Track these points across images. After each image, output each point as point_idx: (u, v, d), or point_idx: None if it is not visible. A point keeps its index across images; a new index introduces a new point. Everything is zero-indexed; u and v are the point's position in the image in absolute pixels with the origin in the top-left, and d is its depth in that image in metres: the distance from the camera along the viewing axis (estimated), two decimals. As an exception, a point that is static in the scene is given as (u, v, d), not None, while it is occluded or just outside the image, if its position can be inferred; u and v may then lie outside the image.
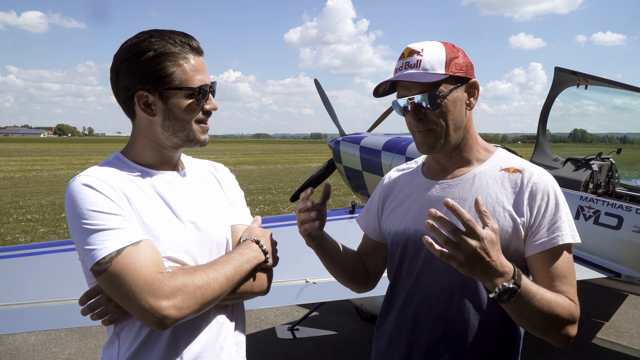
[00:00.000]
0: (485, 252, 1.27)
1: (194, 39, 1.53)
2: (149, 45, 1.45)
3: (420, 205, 1.67)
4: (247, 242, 1.60)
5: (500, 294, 1.32)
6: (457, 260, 1.28)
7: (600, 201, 4.21)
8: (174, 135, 1.53)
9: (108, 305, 1.46)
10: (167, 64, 1.46)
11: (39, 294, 2.86)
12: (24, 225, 11.95)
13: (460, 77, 1.58)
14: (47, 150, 59.73)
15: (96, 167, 1.51)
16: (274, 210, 14.43)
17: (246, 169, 31.43)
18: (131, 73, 1.46)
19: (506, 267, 1.32)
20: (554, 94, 5.70)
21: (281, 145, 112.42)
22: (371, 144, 6.84)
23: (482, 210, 1.32)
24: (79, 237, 1.38)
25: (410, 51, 1.58)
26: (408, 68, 1.58)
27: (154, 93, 1.47)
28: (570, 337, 1.47)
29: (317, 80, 9.16)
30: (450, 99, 1.56)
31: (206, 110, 1.55)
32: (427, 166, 1.78)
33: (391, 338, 1.72)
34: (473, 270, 1.29)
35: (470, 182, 1.62)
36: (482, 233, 1.27)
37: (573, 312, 1.46)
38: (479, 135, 1.70)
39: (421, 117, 1.58)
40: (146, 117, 1.51)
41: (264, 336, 5.53)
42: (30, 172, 27.36)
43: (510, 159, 1.66)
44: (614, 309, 6.54)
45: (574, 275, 1.53)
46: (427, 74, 1.54)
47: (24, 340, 5.34)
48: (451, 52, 1.57)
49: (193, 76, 1.49)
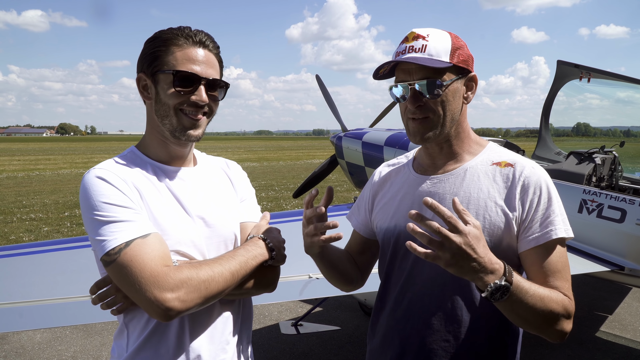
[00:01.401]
0: (470, 248, 1.25)
1: (202, 32, 1.57)
2: (160, 34, 1.54)
3: (411, 201, 1.65)
4: (254, 239, 1.62)
5: (492, 292, 1.29)
6: (444, 260, 1.25)
7: (603, 194, 4.20)
8: (162, 121, 1.56)
9: (117, 295, 1.49)
10: (161, 48, 1.52)
11: (44, 292, 2.87)
12: (27, 224, 11.99)
13: (463, 69, 1.56)
14: (49, 150, 59.90)
15: (111, 160, 1.56)
16: (277, 207, 14.45)
17: (249, 166, 31.46)
18: (140, 58, 1.56)
19: (496, 264, 1.30)
20: (557, 88, 5.68)
21: (283, 142, 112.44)
22: (373, 140, 6.83)
23: (461, 209, 1.30)
24: (91, 228, 1.42)
25: (416, 35, 1.54)
26: (412, 52, 1.53)
27: (149, 76, 1.54)
28: (566, 332, 1.45)
29: (318, 76, 9.15)
30: (451, 89, 1.54)
31: (192, 101, 1.53)
32: (418, 161, 1.75)
33: (384, 337, 1.71)
34: (461, 268, 1.27)
35: (462, 176, 1.59)
36: (465, 229, 1.25)
37: (567, 306, 1.44)
38: (471, 129, 1.68)
39: (419, 104, 1.54)
40: (146, 101, 1.59)
41: (268, 332, 5.54)
42: (33, 171, 27.44)
43: (502, 152, 1.63)
44: (617, 302, 6.54)
45: (568, 269, 1.51)
46: (433, 59, 1.50)
47: (30, 338, 5.36)
48: (456, 41, 1.55)
49: (183, 63, 1.51)
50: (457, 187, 1.58)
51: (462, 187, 1.57)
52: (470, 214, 1.31)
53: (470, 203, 1.54)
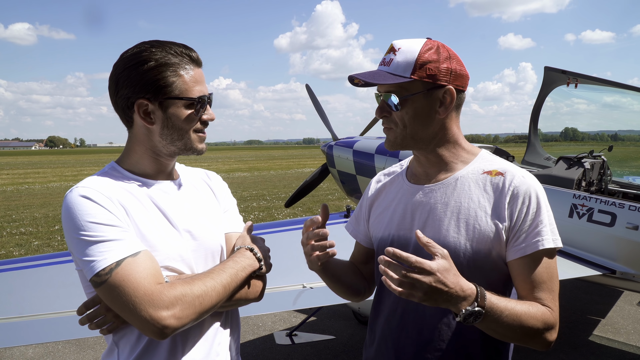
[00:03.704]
0: (441, 284, 1.28)
1: (194, 50, 1.56)
2: (150, 55, 1.48)
3: (403, 211, 1.66)
4: (242, 250, 1.62)
5: (465, 318, 1.32)
6: (417, 297, 1.29)
7: (593, 199, 4.24)
8: (171, 143, 1.55)
9: (107, 315, 1.47)
10: (167, 73, 1.48)
11: (35, 307, 2.84)
12: (17, 238, 11.86)
13: (429, 82, 1.53)
14: (38, 163, 59.45)
15: (92, 177, 1.52)
16: (268, 217, 14.42)
17: (239, 176, 31.39)
18: (132, 82, 1.48)
19: (467, 290, 1.32)
20: (545, 94, 5.74)
21: (274, 151, 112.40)
22: (364, 148, 6.85)
23: (426, 242, 1.32)
24: (78, 249, 1.39)
25: (391, 48, 1.57)
26: (382, 65, 1.58)
27: (154, 102, 1.50)
28: (549, 342, 1.46)
29: (308, 85, 9.19)
30: (412, 103, 1.54)
31: (204, 120, 1.58)
32: (411, 170, 1.75)
33: (378, 346, 1.71)
34: (435, 301, 1.30)
35: (453, 186, 1.59)
36: (434, 266, 1.27)
37: (548, 320, 1.44)
38: (463, 137, 1.67)
39: (385, 115, 1.60)
40: (144, 125, 1.53)
41: (262, 342, 5.51)
42: (22, 185, 27.20)
43: (494, 161, 1.62)
44: (609, 305, 6.57)
45: (555, 280, 1.50)
46: (388, 75, 1.54)
47: (22, 353, 5.30)
48: (427, 54, 1.52)
49: (192, 87, 1.52)
50: (448, 196, 1.58)
51: (453, 196, 1.57)
52: (435, 245, 1.33)
53: (460, 212, 1.54)
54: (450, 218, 1.55)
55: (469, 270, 1.49)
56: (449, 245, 1.51)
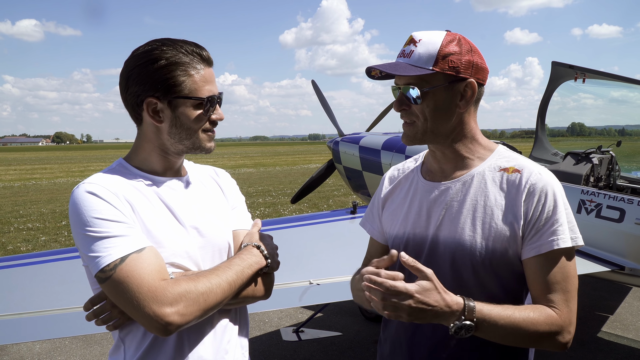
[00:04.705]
0: (422, 304, 1.29)
1: (205, 49, 1.56)
2: (161, 54, 1.48)
3: (419, 208, 1.63)
4: (248, 247, 1.62)
5: (456, 332, 1.33)
6: (403, 318, 1.31)
7: (601, 194, 4.20)
8: (179, 142, 1.55)
9: (112, 311, 1.47)
10: (178, 73, 1.48)
11: (42, 303, 2.85)
12: (25, 234, 11.93)
13: (451, 75, 1.50)
14: (45, 159, 59.71)
15: (100, 174, 1.52)
16: (274, 213, 14.42)
17: (245, 172, 31.43)
18: (142, 79, 1.48)
19: (454, 306, 1.33)
20: (552, 89, 5.70)
21: (279, 147, 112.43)
22: (370, 144, 6.83)
23: (412, 264, 1.33)
24: (84, 244, 1.39)
25: (411, 40, 1.53)
26: (402, 57, 1.54)
27: (163, 100, 1.49)
28: (563, 343, 1.44)
29: (314, 81, 9.17)
30: (434, 96, 1.51)
31: (213, 120, 1.58)
32: (426, 166, 1.72)
33: (393, 344, 1.71)
34: (422, 320, 1.33)
35: (469, 183, 1.56)
36: (412, 290, 1.29)
37: (554, 323, 1.41)
38: (480, 132, 1.64)
39: (404, 108, 1.56)
40: (153, 123, 1.53)
41: (268, 339, 5.52)
42: (29, 180, 27.33)
43: (511, 157, 1.58)
44: (618, 302, 6.54)
45: (570, 280, 1.45)
46: (409, 66, 1.50)
47: (29, 349, 5.33)
48: (450, 47, 1.49)
49: (202, 86, 1.52)
50: (463, 194, 1.56)
51: (469, 194, 1.55)
52: (420, 266, 1.33)
53: (476, 211, 1.52)
54: (466, 216, 1.53)
55: (484, 269, 1.48)
56: (464, 244, 1.50)
